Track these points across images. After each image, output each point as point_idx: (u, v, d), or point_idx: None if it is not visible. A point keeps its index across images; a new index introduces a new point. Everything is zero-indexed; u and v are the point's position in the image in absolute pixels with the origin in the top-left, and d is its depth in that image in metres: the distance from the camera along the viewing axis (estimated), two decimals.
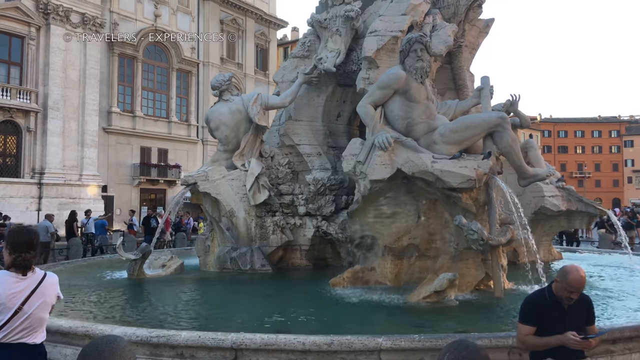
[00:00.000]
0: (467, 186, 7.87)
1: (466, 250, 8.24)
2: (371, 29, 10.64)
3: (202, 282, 9.47)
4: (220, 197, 10.69)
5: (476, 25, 12.79)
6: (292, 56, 12.30)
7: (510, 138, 8.38)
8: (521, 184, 9.06)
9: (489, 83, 9.29)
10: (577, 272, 3.56)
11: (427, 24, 11.10)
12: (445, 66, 12.38)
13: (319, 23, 11.66)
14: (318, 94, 11.89)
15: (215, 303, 7.79)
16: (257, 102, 10.90)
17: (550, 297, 3.68)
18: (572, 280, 3.55)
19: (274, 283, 9.55)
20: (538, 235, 12.63)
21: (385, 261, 8.84)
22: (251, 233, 10.71)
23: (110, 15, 33.80)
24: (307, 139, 11.70)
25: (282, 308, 7.33)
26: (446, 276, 7.27)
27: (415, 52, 8.55)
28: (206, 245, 11.05)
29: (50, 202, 29.15)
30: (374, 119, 8.64)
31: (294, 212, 11.23)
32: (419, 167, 8.04)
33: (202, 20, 39.85)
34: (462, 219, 7.78)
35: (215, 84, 11.12)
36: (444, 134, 8.47)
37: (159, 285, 9.04)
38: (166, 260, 10.82)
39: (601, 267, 11.89)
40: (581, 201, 12.15)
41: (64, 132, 30.59)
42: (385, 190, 8.53)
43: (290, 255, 11.26)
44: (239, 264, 10.40)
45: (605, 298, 7.72)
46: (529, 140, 13.56)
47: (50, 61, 30.02)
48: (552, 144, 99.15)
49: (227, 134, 11.00)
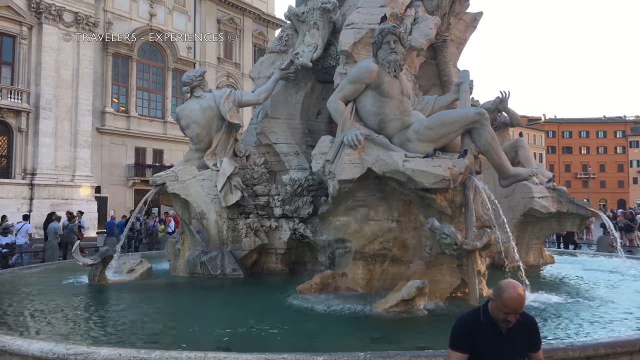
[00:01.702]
0: (441, 187, 7.34)
1: (440, 256, 7.69)
2: (348, 21, 10.12)
3: (166, 289, 8.97)
4: (190, 199, 10.20)
5: (463, 19, 12.26)
6: (269, 51, 11.80)
7: (489, 135, 7.84)
8: (502, 184, 8.51)
9: (468, 77, 8.78)
10: (514, 290, 3.02)
11: (408, 17, 10.57)
12: (429, 61, 11.85)
13: (296, 16, 11.15)
14: (296, 91, 11.38)
15: (172, 312, 7.28)
16: (229, 98, 10.41)
17: (486, 319, 3.14)
18: (507, 299, 3.02)
19: (243, 290, 9.05)
20: (528, 238, 12.09)
21: (356, 266, 8.31)
22: (223, 236, 10.21)
23: (104, 15, 33.45)
24: (285, 137, 11.19)
25: (241, 318, 6.81)
26: (414, 284, 6.74)
27: (388, 44, 8.03)
28: (176, 249, 10.56)
29: (41, 203, 28.77)
30: (344, 115, 8.13)
31: (270, 214, 10.71)
32: (389, 167, 7.51)
33: (198, 19, 39.45)
34: (435, 221, 7.24)
35: (186, 80, 10.64)
36: (418, 131, 7.95)
37: (118, 291, 8.54)
38: (134, 265, 10.33)
39: (592, 271, 11.32)
40: (572, 202, 11.57)
41: (56, 133, 30.24)
42: (355, 191, 8.01)
43: (265, 259, 10.74)
44: (209, 269, 9.90)
45: (586, 307, 7.15)
46: (518, 139, 12.99)
47: (43, 61, 29.70)
48: (556, 144, 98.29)
49: (199, 132, 10.51)
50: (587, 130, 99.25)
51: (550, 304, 7.29)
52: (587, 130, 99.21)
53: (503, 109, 13.24)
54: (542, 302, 7.41)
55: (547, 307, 7.14)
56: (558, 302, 7.49)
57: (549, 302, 7.45)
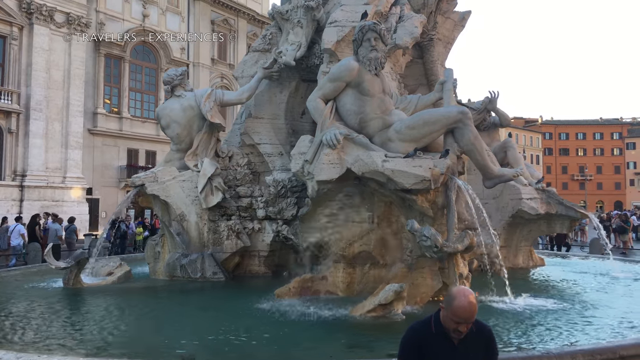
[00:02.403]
0: (422, 187, 7.14)
1: (422, 258, 7.49)
2: (331, 19, 9.94)
3: (142, 292, 8.72)
4: (170, 200, 9.97)
5: (450, 18, 12.09)
6: (253, 50, 11.58)
7: (472, 135, 7.64)
8: (486, 184, 8.30)
9: (452, 76, 8.57)
10: (464, 298, 2.80)
11: (394, 15, 10.40)
12: (416, 60, 11.68)
13: (280, 15, 10.94)
14: (280, 90, 11.16)
15: (143, 317, 7.03)
16: (210, 97, 10.19)
17: (437, 329, 2.92)
18: (457, 308, 2.80)
19: (222, 293, 8.82)
20: (517, 240, 11.92)
21: (337, 269, 8.11)
22: (203, 238, 9.98)
23: (96, 15, 33.19)
24: (268, 137, 10.97)
25: (214, 323, 6.59)
26: (392, 287, 6.52)
27: (369, 42, 7.83)
28: (156, 252, 10.33)
29: (32, 205, 28.46)
30: (324, 114, 7.92)
31: (253, 216, 10.49)
32: (369, 167, 7.31)
33: (192, 20, 39.23)
34: (415, 223, 7.04)
35: (167, 79, 10.41)
36: (399, 130, 7.75)
37: (91, 295, 8.30)
38: (113, 268, 10.11)
39: (581, 274, 11.12)
40: (561, 204, 11.38)
41: (47, 134, 29.95)
42: (334, 192, 7.81)
43: (248, 262, 10.52)
44: (189, 272, 9.67)
45: (570, 312, 6.94)
46: (507, 140, 12.81)
47: (33, 61, 29.41)
48: (553, 146, 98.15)
49: (179, 132, 10.29)
50: (583, 132, 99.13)
51: (533, 308, 7.09)
52: (584, 132, 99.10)
53: (492, 109, 13.04)
54: (525, 306, 7.20)
55: (530, 311, 6.94)
56: (542, 306, 7.28)
57: (532, 306, 7.24)
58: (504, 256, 11.87)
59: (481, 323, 3.01)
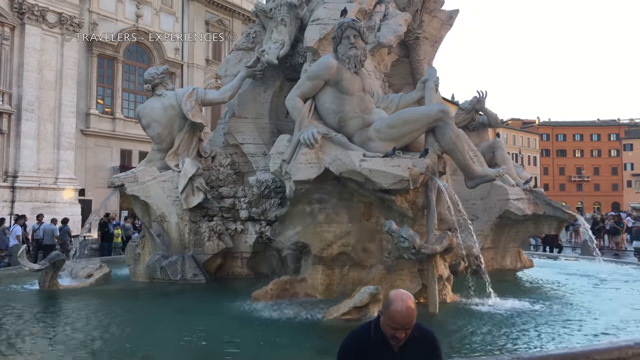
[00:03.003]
0: (400, 187, 7.00)
1: (401, 260, 7.34)
2: (314, 17, 9.79)
3: (118, 295, 8.54)
4: (150, 201, 9.80)
5: (437, 17, 11.95)
6: (236, 48, 11.42)
7: (453, 134, 7.51)
8: (468, 185, 8.16)
9: (434, 75, 8.43)
10: (402, 302, 2.65)
11: (378, 13, 10.25)
12: (402, 59, 11.53)
13: (264, 13, 10.79)
14: (264, 89, 11.01)
15: (109, 322, 6.74)
16: (191, 96, 10.02)
17: (377, 335, 2.77)
18: (394, 313, 2.65)
19: (200, 296, 8.64)
20: (504, 241, 11.74)
21: (316, 271, 7.95)
22: (184, 240, 9.82)
23: (89, 15, 32.98)
24: (252, 137, 10.81)
25: (184, 328, 6.34)
26: (367, 290, 6.37)
27: (348, 39, 7.70)
28: (136, 253, 10.15)
29: (23, 206, 28.23)
30: (302, 112, 7.78)
31: (236, 217, 10.31)
32: (346, 166, 7.16)
33: (186, 20, 39.03)
34: (392, 224, 6.88)
35: (148, 77, 10.25)
36: (379, 129, 7.61)
37: (65, 299, 8.13)
38: (93, 270, 9.93)
39: (569, 275, 10.97)
40: (549, 205, 11.22)
41: (39, 135, 29.72)
42: (312, 192, 7.65)
43: (230, 263, 10.34)
44: (169, 274, 9.51)
45: (551, 315, 6.78)
46: (496, 140, 12.69)
47: (25, 62, 29.18)
48: (550, 147, 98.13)
49: (160, 131, 10.13)
50: (581, 133, 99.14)
51: (514, 310, 6.94)
52: (581, 133, 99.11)
53: (480, 109, 12.91)
54: (506, 309, 7.05)
55: (510, 313, 6.79)
56: (523, 308, 7.13)
57: (513, 308, 7.09)
58: (492, 257, 11.75)
59: (424, 328, 2.86)
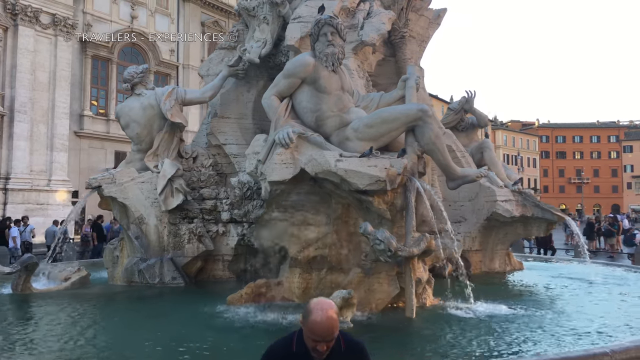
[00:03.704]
0: (377, 188, 6.79)
1: (379, 263, 7.13)
2: (295, 15, 9.62)
3: (92, 299, 8.31)
4: (128, 202, 9.61)
5: (425, 15, 11.75)
6: (219, 47, 11.27)
7: (432, 133, 7.30)
8: (449, 186, 7.96)
9: (414, 73, 8.24)
10: (322, 312, 2.45)
11: (361, 11, 10.07)
12: (388, 59, 11.34)
13: (246, 11, 10.63)
14: (248, 89, 10.83)
15: (75, 327, 6.50)
16: (171, 96, 9.84)
17: (299, 348, 2.57)
18: (312, 324, 2.45)
19: (176, 300, 8.42)
20: (492, 244, 11.57)
21: (293, 274, 7.74)
22: (163, 242, 9.61)
23: (83, 17, 32.81)
24: (235, 138, 10.62)
25: (152, 334, 6.14)
26: (340, 294, 6.17)
27: (325, 36, 7.50)
28: (114, 256, 9.95)
29: (15, 208, 28.02)
30: (278, 111, 7.58)
31: (217, 219, 10.12)
32: (322, 167, 6.96)
33: (182, 22, 38.87)
34: (368, 226, 6.68)
35: (127, 77, 10.08)
36: (357, 129, 7.42)
37: (36, 303, 7.90)
38: (71, 273, 9.72)
39: (559, 278, 10.75)
40: (538, 206, 11.05)
41: (32, 136, 29.53)
42: (288, 193, 7.45)
43: (211, 266, 10.14)
44: (147, 277, 9.31)
45: (531, 319, 6.57)
46: (484, 141, 12.51)
47: (18, 63, 28.99)
48: (550, 149, 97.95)
49: (139, 131, 9.94)
50: (580, 135, 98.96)
51: (493, 315, 6.73)
52: (581, 135, 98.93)
53: (469, 109, 12.75)
54: (485, 313, 6.84)
55: (489, 318, 6.58)
56: (502, 312, 6.92)
57: (492, 312, 6.88)
58: (480, 260, 11.56)
59: (352, 339, 2.66)
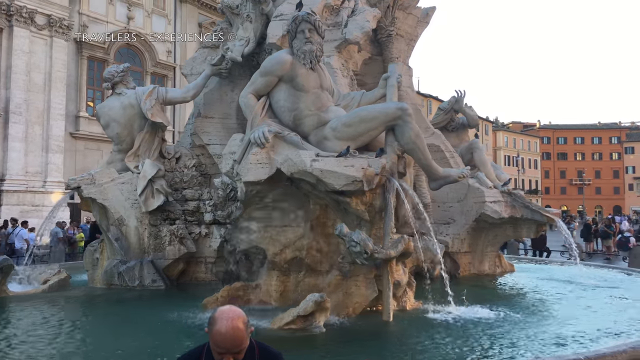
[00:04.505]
0: (353, 189, 6.62)
1: (357, 266, 6.94)
2: (277, 12, 9.45)
3: (68, 302, 8.15)
4: (108, 203, 9.44)
5: (413, 14, 11.57)
6: (203, 46, 11.09)
7: (412, 133, 7.12)
8: (431, 186, 7.78)
9: (396, 71, 8.05)
10: (227, 322, 2.25)
11: (345, 8, 9.89)
12: (376, 58, 11.17)
13: (230, 9, 10.46)
14: (232, 89, 10.63)
15: (39, 332, 6.30)
16: (152, 95, 9.67)
17: (208, 357, 2.39)
18: (215, 334, 2.26)
19: (153, 304, 8.23)
20: (482, 245, 11.37)
21: (271, 277, 7.57)
22: (144, 244, 9.44)
23: (79, 17, 32.70)
24: (219, 138, 10.43)
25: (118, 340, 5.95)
26: (312, 297, 5.99)
27: (303, 33, 7.33)
28: (94, 258, 9.78)
29: (10, 210, 27.89)
30: (254, 110, 7.40)
31: (200, 220, 9.94)
32: (297, 167, 6.78)
33: (179, 23, 38.75)
34: (344, 227, 6.50)
35: (107, 76, 9.90)
36: (335, 128, 7.24)
37: (7, 306, 7.75)
38: (51, 275, 9.57)
39: (549, 281, 10.56)
40: (527, 207, 10.84)
41: (27, 137, 29.41)
42: (264, 194, 7.28)
43: (194, 268, 9.96)
44: (126, 280, 9.13)
45: (513, 324, 6.38)
46: (474, 141, 12.30)
47: (13, 64, 28.88)
48: (551, 150, 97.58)
49: (119, 131, 9.77)
50: (582, 136, 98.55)
51: (474, 319, 6.54)
52: (582, 136, 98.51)
53: (459, 109, 12.55)
54: (466, 317, 6.64)
55: (469, 322, 6.39)
56: (484, 316, 6.73)
57: (474, 316, 6.69)
58: (469, 262, 11.36)
59: (269, 350, 2.48)
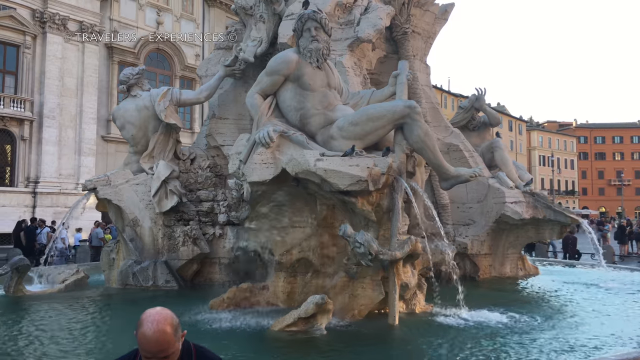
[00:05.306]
0: (358, 189, 6.48)
1: (364, 267, 6.79)
2: (287, 12, 9.40)
3: (82, 302, 8.25)
4: (123, 204, 9.54)
5: (430, 11, 11.37)
6: (217, 47, 11.13)
7: (421, 131, 6.94)
8: (442, 186, 7.57)
9: (406, 68, 7.86)
10: (152, 325, 2.13)
11: (358, 7, 9.78)
12: (391, 56, 11.00)
13: (243, 10, 10.46)
14: (246, 89, 10.46)
15: (45, 332, 6.38)
16: (165, 97, 9.76)
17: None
18: (141, 337, 2.15)
19: (165, 303, 8.20)
20: (503, 247, 11.07)
21: (278, 279, 7.50)
22: (158, 245, 9.50)
23: (110, 23, 33.44)
24: (233, 139, 10.37)
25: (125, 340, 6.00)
26: (313, 299, 5.88)
27: (309, 32, 7.23)
28: (110, 259, 9.90)
29: (44, 211, 28.69)
30: (260, 110, 7.34)
31: (214, 221, 9.95)
32: (301, 167, 6.68)
33: (207, 27, 39.23)
34: (348, 228, 6.37)
35: (123, 78, 10.04)
36: (342, 127, 7.11)
37: (27, 305, 7.86)
38: (69, 275, 9.73)
39: (571, 284, 10.17)
40: (550, 208, 10.49)
41: (60, 141, 30.23)
42: (270, 194, 7.21)
43: (208, 269, 9.97)
44: (140, 280, 9.21)
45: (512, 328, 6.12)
46: (495, 140, 11.98)
47: (47, 69, 29.75)
48: (588, 150, 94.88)
49: (134, 133, 9.87)
50: (620, 135, 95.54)
51: (482, 324, 6.31)
52: (621, 135, 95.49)
53: (479, 107, 12.28)
54: (476, 321, 6.43)
55: (476, 327, 6.17)
56: (494, 321, 6.49)
57: (482, 320, 6.46)
58: (490, 264, 11.05)
59: (208, 355, 2.36)
